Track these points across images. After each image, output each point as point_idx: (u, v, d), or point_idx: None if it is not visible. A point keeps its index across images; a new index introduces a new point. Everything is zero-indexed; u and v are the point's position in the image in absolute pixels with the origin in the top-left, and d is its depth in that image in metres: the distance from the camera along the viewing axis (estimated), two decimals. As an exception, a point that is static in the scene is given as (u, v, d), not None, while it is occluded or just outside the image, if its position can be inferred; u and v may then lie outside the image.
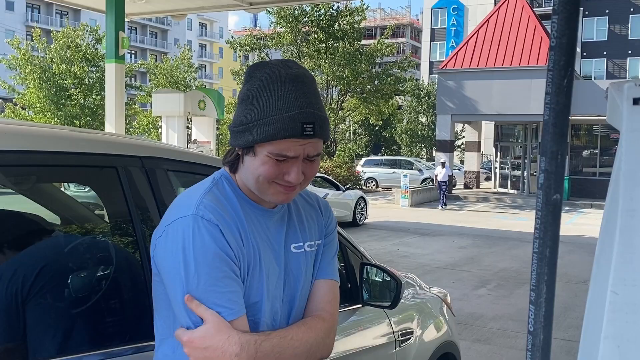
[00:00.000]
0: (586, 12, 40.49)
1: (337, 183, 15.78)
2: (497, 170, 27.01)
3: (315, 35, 24.98)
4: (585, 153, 24.47)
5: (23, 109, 26.75)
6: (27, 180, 1.86)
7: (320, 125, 1.24)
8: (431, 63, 51.41)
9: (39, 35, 26.45)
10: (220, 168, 1.40)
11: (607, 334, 0.67)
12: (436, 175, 20.14)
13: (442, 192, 19.58)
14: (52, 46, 26.75)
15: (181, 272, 1.19)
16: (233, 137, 1.29)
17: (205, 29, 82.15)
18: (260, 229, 1.31)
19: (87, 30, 27.81)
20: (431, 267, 9.75)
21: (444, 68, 24.84)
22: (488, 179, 31.33)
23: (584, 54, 41.18)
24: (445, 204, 19.60)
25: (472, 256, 10.98)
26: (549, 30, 0.65)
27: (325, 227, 1.49)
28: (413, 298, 3.16)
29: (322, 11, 24.66)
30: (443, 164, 19.80)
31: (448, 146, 24.62)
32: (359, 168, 28.04)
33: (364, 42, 27.45)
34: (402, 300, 2.52)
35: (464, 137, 34.06)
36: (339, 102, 26.81)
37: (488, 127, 31.34)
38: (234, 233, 1.24)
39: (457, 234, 13.88)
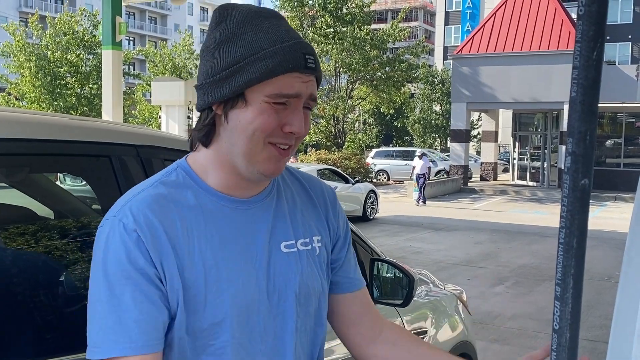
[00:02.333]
0: (610, -7, 40.15)
1: (346, 176, 15.76)
2: (516, 162, 26.88)
3: (323, 20, 24.89)
4: (608, 143, 24.32)
5: (17, 99, 26.88)
6: (17, 171, 1.85)
7: (317, 61, 1.08)
8: (445, 48, 51.23)
9: (35, 21, 26.54)
10: None
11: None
12: (413, 168, 19.42)
13: (419, 186, 18.86)
14: (47, 32, 26.84)
15: (91, 285, 1.03)
16: (211, 90, 1.07)
17: (207, 13, 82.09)
18: (230, 227, 1.11)
19: (85, 16, 27.90)
20: (446, 264, 9.72)
21: (459, 53, 24.70)
22: (506, 170, 31.23)
23: (608, 37, 40.70)
24: (424, 201, 18.76)
25: (489, 252, 10.94)
26: (570, 12, 0.62)
27: (332, 220, 1.29)
28: (427, 296, 3.13)
29: (330, -7, 24.58)
30: (421, 156, 19.35)
31: (463, 136, 24.53)
32: (369, 160, 28.01)
33: (374, 26, 27.33)
34: (414, 298, 2.50)
35: (480, 126, 33.92)
36: (348, 90, 26.75)
37: (506, 116, 31.22)
38: (161, 243, 1.03)
39: (473, 228, 13.84)
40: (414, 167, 19.45)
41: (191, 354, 1.07)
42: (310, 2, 24.91)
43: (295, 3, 24.67)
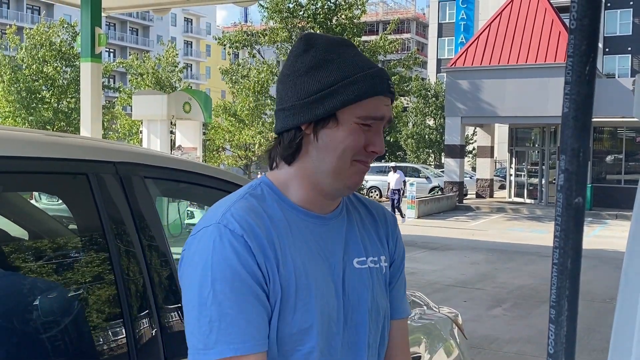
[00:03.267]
0: (608, 4, 40.70)
1: (337, 193, 15.70)
2: (512, 178, 27.00)
3: (312, 31, 25.04)
4: (608, 158, 24.48)
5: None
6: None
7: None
8: (439, 61, 51.63)
9: (13, 33, 26.50)
10: (202, 175, 1.37)
11: (638, 355, 0.65)
12: (389, 183, 19.02)
13: (395, 203, 18.70)
14: (23, 45, 26.81)
15: (195, 289, 1.11)
16: (303, 110, 1.20)
17: (191, 24, 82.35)
18: (311, 239, 1.23)
19: (64, 27, 27.90)
20: (441, 285, 9.71)
21: (453, 66, 24.89)
22: (502, 187, 31.32)
23: (607, 49, 41.35)
24: (402, 216, 18.62)
25: (485, 272, 10.94)
26: (567, 23, 0.63)
27: (391, 242, 1.43)
28: (420, 319, 3.13)
29: (319, 4, 24.75)
30: (395, 168, 19.04)
31: (458, 151, 24.64)
32: (360, 176, 27.96)
33: (365, 38, 27.52)
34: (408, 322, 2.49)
35: (475, 141, 34.09)
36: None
37: (502, 131, 31.41)
38: (264, 248, 1.14)
39: (469, 248, 13.85)
40: (389, 183, 19.24)
41: (278, 358, 1.15)
42: (301, 13, 25.05)
43: (285, 14, 24.81)
